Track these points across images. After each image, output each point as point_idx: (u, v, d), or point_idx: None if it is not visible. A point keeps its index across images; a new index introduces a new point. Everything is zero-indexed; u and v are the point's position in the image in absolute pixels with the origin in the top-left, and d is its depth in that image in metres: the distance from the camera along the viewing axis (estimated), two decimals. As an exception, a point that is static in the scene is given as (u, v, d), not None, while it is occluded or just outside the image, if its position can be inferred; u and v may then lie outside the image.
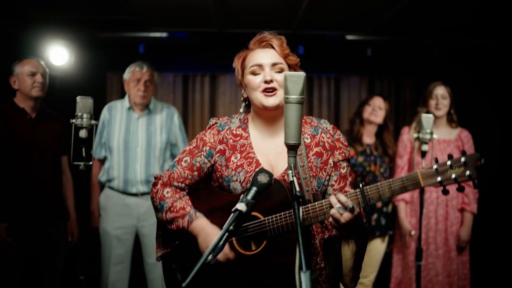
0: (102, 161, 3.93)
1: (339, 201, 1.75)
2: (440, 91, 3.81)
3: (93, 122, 2.92)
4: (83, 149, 2.94)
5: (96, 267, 3.93)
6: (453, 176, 1.69)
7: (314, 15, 4.55)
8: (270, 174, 1.65)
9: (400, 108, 5.80)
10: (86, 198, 3.33)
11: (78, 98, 2.90)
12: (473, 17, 4.68)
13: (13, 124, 3.35)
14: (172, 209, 1.98)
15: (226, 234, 1.53)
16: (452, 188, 3.67)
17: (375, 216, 3.86)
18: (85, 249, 3.06)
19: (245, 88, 2.04)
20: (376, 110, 3.94)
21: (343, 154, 2.01)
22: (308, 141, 1.99)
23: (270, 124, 2.01)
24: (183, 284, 1.37)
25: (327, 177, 1.97)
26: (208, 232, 1.89)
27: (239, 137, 2.02)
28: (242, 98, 2.11)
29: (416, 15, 4.71)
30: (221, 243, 1.52)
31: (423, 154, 3.24)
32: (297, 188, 1.58)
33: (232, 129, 2.05)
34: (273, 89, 1.93)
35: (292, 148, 1.66)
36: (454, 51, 5.48)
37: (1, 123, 3.33)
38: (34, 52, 4.56)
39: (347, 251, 1.94)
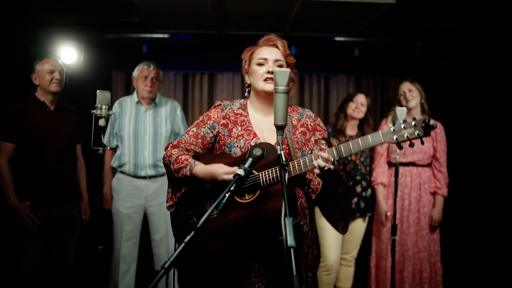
0: (114, 149, 4.33)
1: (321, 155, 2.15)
2: (406, 86, 4.18)
3: (110, 112, 3.29)
4: (102, 136, 3.29)
5: (108, 243, 4.28)
6: (406, 134, 2.10)
7: (305, 18, 4.77)
8: (263, 149, 2.09)
9: (385, 104, 6.01)
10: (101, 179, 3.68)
11: (98, 92, 3.23)
12: (454, 19, 4.92)
13: (34, 115, 3.63)
14: (177, 160, 2.40)
15: (229, 193, 1.96)
16: (426, 173, 4.10)
17: (355, 199, 4.23)
18: (102, 225, 3.41)
19: (249, 75, 2.50)
20: (359, 107, 4.25)
21: (322, 135, 2.52)
22: (295, 122, 2.48)
23: (266, 106, 2.47)
24: (198, 225, 1.79)
25: (309, 151, 2.44)
26: (211, 171, 2.29)
27: (239, 115, 2.50)
28: (245, 84, 2.57)
29: (400, 18, 4.94)
30: (223, 200, 1.95)
31: (405, 121, 3.63)
32: (284, 159, 2.01)
33: (233, 109, 2.53)
34: (272, 78, 2.32)
35: (280, 128, 2.09)
36: (435, 52, 5.70)
37: (24, 115, 3.60)
38: (45, 51, 4.72)
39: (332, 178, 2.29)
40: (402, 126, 2.10)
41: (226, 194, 1.95)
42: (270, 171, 2.26)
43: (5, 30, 4.91)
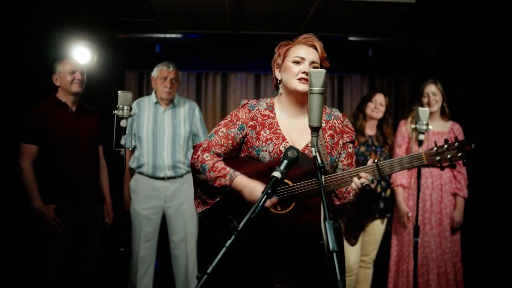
0: (132, 150, 4.29)
1: (360, 175, 2.19)
2: (431, 89, 4.14)
3: (132, 113, 3.24)
4: (123, 137, 3.26)
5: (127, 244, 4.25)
6: (449, 156, 2.13)
7: (320, 19, 4.76)
8: (297, 150, 2.06)
9: (399, 104, 6.03)
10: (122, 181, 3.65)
11: (120, 92, 3.18)
12: (468, 20, 4.90)
13: (57, 117, 3.58)
14: (214, 168, 2.33)
15: (265, 196, 1.93)
16: (446, 174, 4.08)
17: (384, 175, 4.17)
18: (123, 227, 3.36)
19: (281, 71, 2.42)
20: (378, 106, 4.22)
21: (350, 137, 2.48)
22: (323, 125, 2.42)
23: (296, 106, 2.42)
24: (238, 228, 1.76)
25: (338, 155, 2.41)
26: (251, 187, 2.25)
27: (266, 117, 2.43)
28: (273, 78, 2.49)
29: (415, 18, 4.92)
30: (261, 203, 1.92)
31: (420, 143, 3.61)
32: (319, 161, 1.98)
33: (260, 110, 2.45)
34: (306, 79, 2.32)
35: (314, 130, 2.05)
36: (450, 52, 5.69)
37: (46, 116, 3.54)
38: (59, 52, 4.75)
39: (367, 198, 2.37)
40: (445, 147, 2.14)
41: (263, 198, 1.91)
42: (305, 183, 2.22)
43: (19, 30, 4.92)
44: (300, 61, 2.37)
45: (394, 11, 4.48)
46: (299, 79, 2.35)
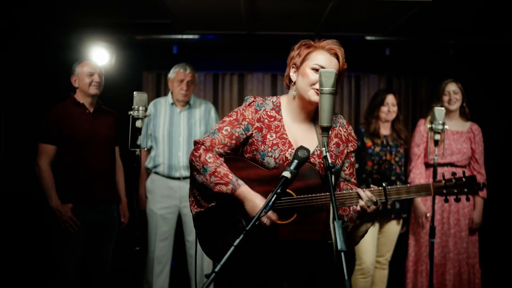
0: (148, 150, 4.35)
1: (366, 196, 2.21)
2: (452, 87, 4.13)
3: (147, 113, 3.28)
4: (139, 137, 3.28)
5: (145, 244, 4.29)
6: (455, 190, 2.23)
7: (336, 18, 4.73)
8: (308, 150, 2.07)
9: (417, 104, 5.95)
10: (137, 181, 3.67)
11: (135, 93, 3.21)
12: (486, 17, 4.83)
13: (75, 117, 3.64)
14: (216, 174, 2.23)
15: (275, 195, 1.94)
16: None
17: (390, 201, 4.18)
18: (139, 226, 3.39)
19: (298, 74, 2.34)
20: (391, 108, 4.17)
21: (353, 147, 2.46)
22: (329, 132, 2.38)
23: (304, 111, 2.38)
24: (247, 228, 1.77)
25: (341, 164, 2.40)
26: (254, 201, 2.19)
27: (273, 119, 2.36)
28: (286, 75, 2.40)
29: (432, 16, 4.86)
30: (270, 202, 1.93)
31: (436, 143, 3.59)
32: (330, 161, 1.98)
33: (267, 110, 2.37)
34: None
35: (325, 130, 2.04)
36: (468, 50, 5.62)
37: (64, 117, 3.61)
38: (77, 53, 4.81)
39: (364, 227, 2.37)
40: (453, 181, 2.23)
41: (273, 198, 1.92)
42: (309, 198, 2.20)
43: (37, 32, 4.98)
44: (319, 69, 2.23)
45: (410, 10, 4.45)
46: (315, 89, 2.26)
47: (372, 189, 2.24)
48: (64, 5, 4.70)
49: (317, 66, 2.29)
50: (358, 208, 2.21)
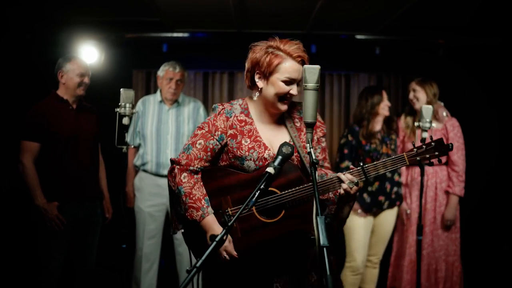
0: (136, 148, 4.32)
1: (347, 178, 2.23)
2: (411, 86, 4.17)
3: (134, 111, 3.27)
4: (126, 134, 3.28)
5: (132, 242, 4.28)
6: (427, 155, 2.32)
7: (326, 16, 4.73)
8: (292, 146, 2.07)
9: (406, 103, 5.96)
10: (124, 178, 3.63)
11: (122, 90, 3.20)
12: (476, 17, 4.82)
13: (58, 114, 3.57)
14: (191, 196, 2.28)
15: (258, 191, 1.93)
16: (442, 172, 4.07)
17: (395, 189, 4.12)
18: (125, 223, 3.38)
19: (267, 82, 2.31)
20: (387, 103, 4.20)
21: (322, 132, 2.49)
22: (298, 124, 2.42)
23: (272, 113, 2.40)
24: (229, 224, 1.77)
25: (314, 151, 2.37)
26: (215, 230, 2.22)
27: (243, 123, 2.37)
28: (246, 75, 2.39)
29: (422, 15, 4.86)
30: (254, 198, 1.92)
31: (423, 141, 3.58)
32: (313, 156, 1.98)
33: (237, 115, 2.37)
34: (290, 99, 2.34)
35: (309, 126, 2.05)
36: (458, 50, 5.63)
37: (48, 114, 3.53)
38: (66, 51, 4.72)
39: (347, 210, 2.38)
40: (424, 147, 2.31)
41: (256, 193, 1.91)
42: (294, 191, 2.23)
43: (26, 30, 4.95)
44: (290, 82, 2.28)
45: (399, 9, 4.46)
46: (283, 99, 2.31)
47: (351, 170, 2.27)
48: (54, 3, 4.66)
49: (288, 79, 2.28)
50: (342, 191, 2.23)
